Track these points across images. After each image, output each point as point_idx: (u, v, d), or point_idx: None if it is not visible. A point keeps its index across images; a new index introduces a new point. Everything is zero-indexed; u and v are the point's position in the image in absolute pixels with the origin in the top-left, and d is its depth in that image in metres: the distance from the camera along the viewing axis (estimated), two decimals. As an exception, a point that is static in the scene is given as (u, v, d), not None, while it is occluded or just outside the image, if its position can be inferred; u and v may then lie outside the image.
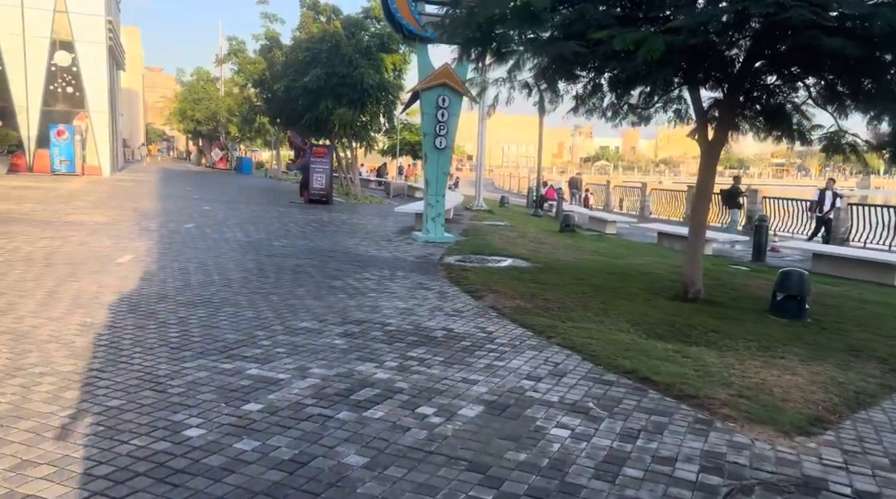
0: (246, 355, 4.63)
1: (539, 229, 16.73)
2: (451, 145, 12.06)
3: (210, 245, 10.06)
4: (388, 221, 15.77)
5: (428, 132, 11.88)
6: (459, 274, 8.59)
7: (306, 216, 15.63)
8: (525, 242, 13.15)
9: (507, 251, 11.17)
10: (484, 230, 14.45)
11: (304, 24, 23.81)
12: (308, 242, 10.99)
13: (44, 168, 26.77)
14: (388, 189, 27.96)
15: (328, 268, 8.61)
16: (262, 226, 13.01)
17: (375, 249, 10.68)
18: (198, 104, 50.26)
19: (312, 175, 20.06)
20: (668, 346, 5.60)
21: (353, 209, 18.99)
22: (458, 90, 11.78)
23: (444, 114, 11.76)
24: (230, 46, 35.91)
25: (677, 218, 25.67)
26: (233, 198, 20.49)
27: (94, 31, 27.43)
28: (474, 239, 12.73)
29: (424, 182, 12.25)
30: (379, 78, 20.94)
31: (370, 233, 12.98)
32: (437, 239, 11.96)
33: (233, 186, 27.73)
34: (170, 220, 13.17)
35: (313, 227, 13.40)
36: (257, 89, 30.32)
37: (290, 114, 23.51)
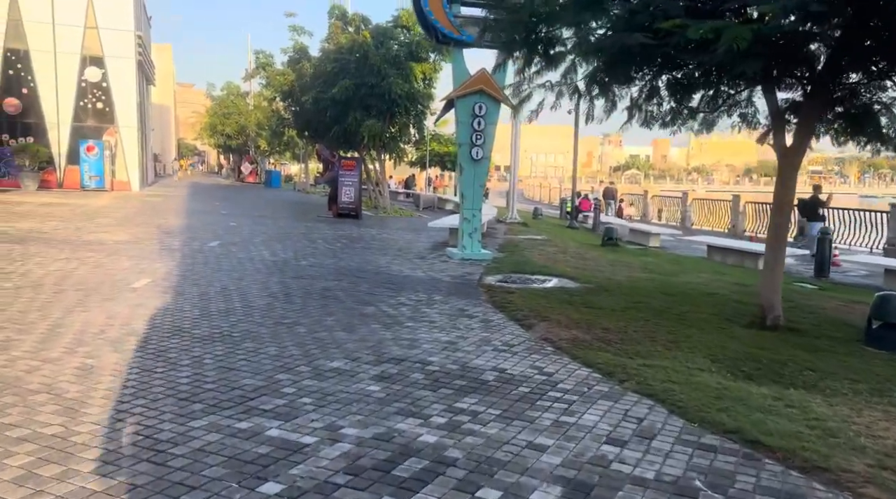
0: (265, 409, 3.89)
1: (579, 243, 15.83)
2: (488, 156, 11.29)
3: (234, 266, 9.42)
4: (420, 236, 15.04)
5: (464, 142, 11.12)
6: (503, 297, 7.78)
7: (335, 232, 14.99)
8: (567, 257, 12.29)
9: (550, 269, 10.33)
10: (522, 245, 13.62)
11: (333, 34, 23.35)
12: (337, 261, 10.29)
13: (74, 184, 26.71)
14: (418, 201, 27.31)
15: (359, 291, 7.87)
16: (290, 243, 12.37)
17: (409, 269, 9.93)
18: (227, 119, 50.46)
19: (341, 188, 19.47)
20: (763, 390, 4.72)
21: (383, 223, 18.32)
22: (495, 97, 11.02)
23: (481, 122, 11.00)
24: (258, 60, 35.88)
25: (721, 229, 24.51)
26: (260, 213, 20.00)
27: (124, 47, 27.41)
28: (513, 255, 11.91)
29: (460, 195, 11.50)
30: (408, 87, 20.32)
31: (402, 250, 12.25)
32: (473, 256, 11.17)
33: (261, 200, 27.36)
34: (194, 237, 12.62)
35: (342, 243, 12.73)
36: (286, 102, 30.00)
37: (319, 126, 23.02)
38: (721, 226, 24.65)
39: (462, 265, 10.52)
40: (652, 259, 13.82)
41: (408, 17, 21.05)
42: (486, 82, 10.93)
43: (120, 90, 27.63)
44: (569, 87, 8.19)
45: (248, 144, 51.52)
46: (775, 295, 7.00)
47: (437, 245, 13.19)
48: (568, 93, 8.23)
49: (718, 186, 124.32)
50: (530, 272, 9.94)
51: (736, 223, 23.33)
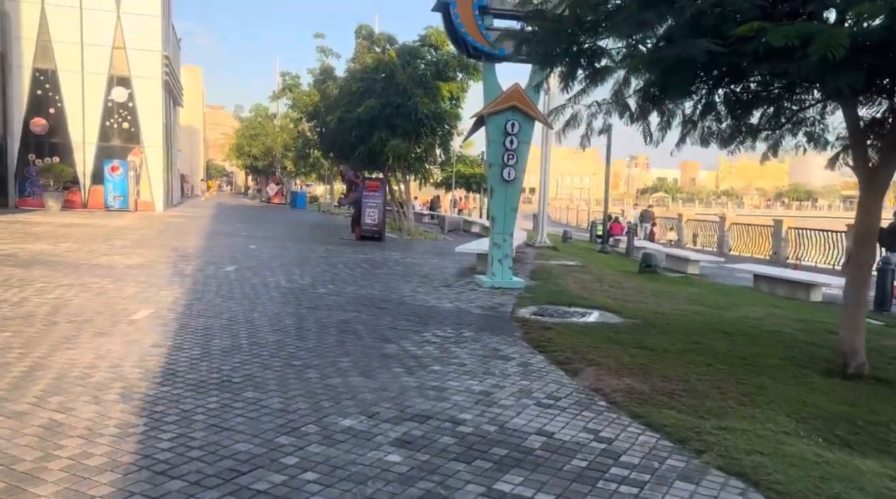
0: (258, 490, 3.10)
1: (615, 270, 14.91)
2: (521, 177, 10.52)
3: (247, 294, 8.73)
4: (445, 261, 14.27)
5: (495, 163, 10.38)
6: (541, 334, 6.94)
7: (357, 256, 14.30)
8: (605, 287, 11.39)
9: (588, 300, 9.46)
10: (555, 272, 12.76)
11: (359, 54, 22.95)
12: (357, 289, 9.55)
13: (98, 204, 26.57)
14: (443, 224, 26.62)
15: (380, 325, 7.10)
16: (309, 268, 11.69)
17: (435, 298, 9.14)
18: (254, 140, 50.66)
19: (365, 210, 18.84)
20: (873, 464, 3.81)
21: (408, 247, 17.60)
22: (529, 114, 10.28)
23: (514, 141, 10.26)
24: (284, 82, 35.81)
25: (761, 255, 23.34)
26: (282, 235, 19.45)
27: (151, 67, 27.39)
28: (546, 284, 11.06)
29: (490, 219, 10.72)
30: (434, 107, 19.73)
31: (427, 276, 11.48)
32: (504, 284, 10.35)
33: (284, 221, 26.92)
34: (210, 261, 12.01)
35: (364, 269, 12.00)
36: (311, 123, 29.71)
37: (343, 146, 22.54)
38: (762, 252, 23.49)
39: (492, 294, 9.71)
40: (696, 289, 12.84)
41: (436, 35, 20.57)
42: (519, 98, 10.20)
43: (146, 110, 27.56)
44: (617, 106, 7.43)
45: (275, 165, 51.57)
46: (858, 338, 6.05)
47: (464, 271, 12.40)
48: (617, 111, 7.47)
49: (749, 209, 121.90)
50: (567, 303, 9.07)
51: (778, 250, 22.18)
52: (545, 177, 20.17)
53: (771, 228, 23.45)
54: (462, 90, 21.01)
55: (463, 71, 20.72)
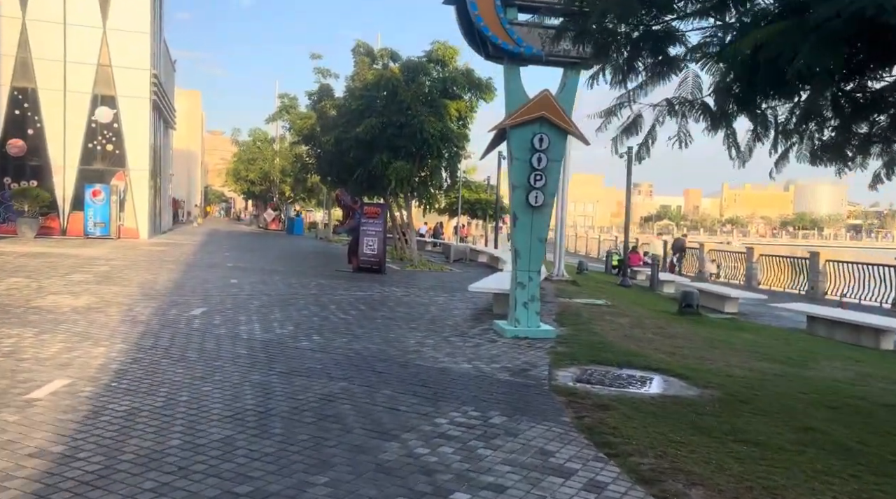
0: None
1: (650, 311, 12.99)
2: (550, 203, 8.67)
3: (206, 352, 6.81)
4: (455, 298, 12.35)
5: (518, 184, 8.53)
6: (599, 419, 5.01)
7: (353, 292, 12.39)
8: (648, 335, 9.47)
9: (640, 356, 7.53)
10: (584, 315, 10.83)
11: (359, 71, 21.33)
12: (350, 342, 7.63)
13: (78, 231, 24.78)
14: (448, 253, 24.75)
15: (376, 404, 5.17)
16: (293, 311, 9.78)
17: (447, 355, 7.22)
18: (252, 164, 49.11)
19: (363, 239, 16.99)
20: None
21: (411, 280, 15.70)
22: (562, 127, 8.47)
23: (542, 159, 8.42)
24: (281, 103, 34.30)
25: (794, 290, 21.40)
26: (271, 265, 17.56)
27: (139, 86, 25.82)
28: (580, 332, 9.13)
29: (512, 252, 8.83)
30: (441, 126, 17.99)
31: (436, 321, 9.55)
32: (531, 334, 8.43)
33: (277, 249, 25.06)
34: (176, 302, 10.11)
35: (359, 311, 10.09)
36: (308, 146, 28.06)
37: (341, 170, 20.80)
38: (795, 287, 21.56)
39: (517, 347, 7.79)
40: (750, 335, 10.92)
41: (443, 50, 18.95)
42: (549, 107, 8.40)
43: (132, 132, 25.93)
44: (693, 106, 5.63)
45: (272, 191, 49.95)
46: None
47: (479, 313, 10.49)
48: (692, 114, 5.67)
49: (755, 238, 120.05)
50: (615, 362, 7.14)
51: (815, 285, 20.24)
52: (563, 198, 18.25)
53: (804, 259, 21.56)
54: (471, 110, 19.30)
55: (472, 90, 19.04)
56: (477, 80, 18.78)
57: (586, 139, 8.62)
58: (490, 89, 18.88)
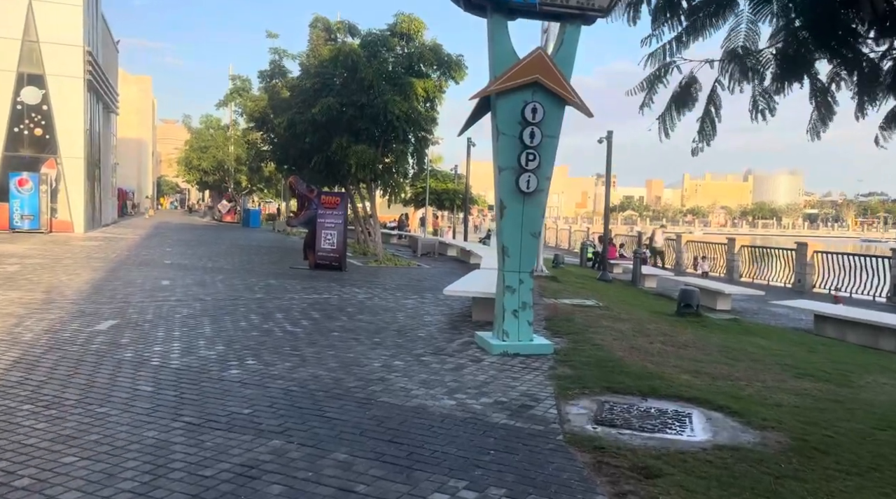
0: None
1: (646, 312, 11.56)
2: (545, 188, 7.05)
3: (95, 390, 5.02)
4: (426, 300, 10.70)
5: (506, 166, 6.90)
6: (647, 491, 3.44)
7: (307, 295, 10.62)
8: (657, 344, 7.98)
9: (661, 379, 6.01)
10: (577, 319, 9.29)
11: (315, 47, 19.40)
12: (295, 366, 5.91)
13: (3, 224, 22.26)
14: (415, 246, 23.04)
15: (323, 481, 3.49)
16: (230, 321, 7.99)
17: (421, 384, 5.56)
18: (204, 152, 46.40)
19: (320, 232, 15.17)
20: None
21: (375, 278, 13.97)
22: (558, 94, 6.85)
23: (535, 134, 6.80)
24: (233, 86, 31.98)
25: (779, 283, 20.38)
26: (216, 262, 15.61)
27: (70, 64, 23.33)
28: (580, 343, 7.57)
29: (499, 250, 7.19)
30: (407, 107, 16.24)
31: (405, 332, 7.88)
32: (524, 349, 6.84)
33: (227, 243, 22.98)
34: (83, 312, 8.22)
35: (312, 320, 8.35)
36: (261, 131, 25.94)
37: (297, 156, 18.89)
38: (780, 279, 20.54)
39: (509, 368, 6.18)
40: (763, 340, 9.55)
41: (408, 23, 17.17)
42: (544, 70, 6.77)
43: (64, 115, 23.46)
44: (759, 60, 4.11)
45: (227, 180, 47.36)
46: None
47: (455, 320, 8.85)
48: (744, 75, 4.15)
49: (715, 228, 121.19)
50: (635, 388, 5.60)
51: (803, 277, 19.21)
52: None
53: (788, 251, 20.54)
54: (439, 90, 17.56)
55: (441, 68, 17.31)
56: (446, 58, 17.08)
57: (588, 109, 7.03)
58: (460, 67, 17.20)
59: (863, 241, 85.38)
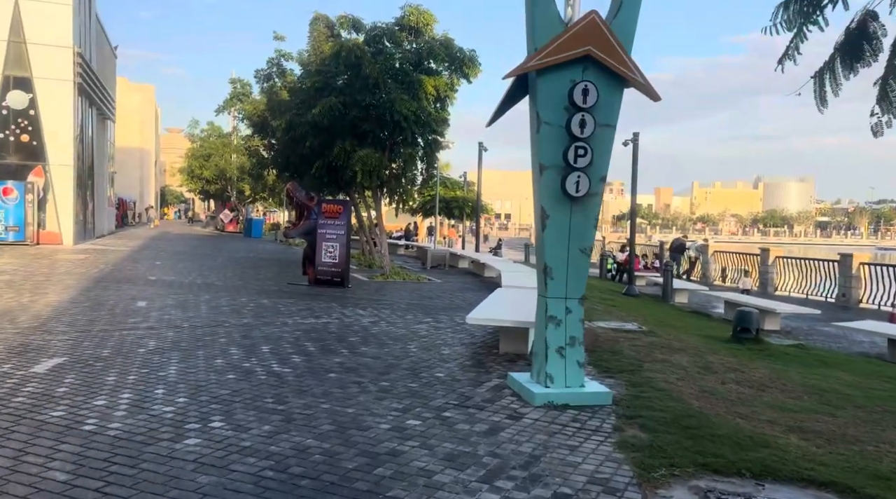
0: None
1: (694, 334, 10.00)
2: (598, 191, 5.54)
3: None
4: (441, 324, 9.19)
5: (548, 164, 5.39)
6: None
7: (303, 318, 9.12)
8: (731, 384, 6.44)
9: (769, 449, 4.45)
10: (625, 350, 7.75)
11: (316, 44, 18.02)
12: (276, 431, 4.39)
13: (-15, 236, 20.92)
14: (425, 258, 21.54)
15: None
16: (204, 357, 6.49)
17: (447, 460, 4.03)
18: (207, 161, 45.21)
19: (321, 244, 13.70)
20: None
21: (382, 296, 12.47)
22: (617, 71, 5.35)
23: (587, 123, 5.30)
24: (233, 90, 30.67)
25: (818, 297, 18.75)
26: (207, 278, 14.14)
27: (59, 67, 22.01)
28: (640, 387, 6.02)
29: (539, 270, 5.67)
30: (416, 107, 14.80)
31: (419, 371, 6.35)
32: (575, 399, 5.30)
33: (225, 255, 21.54)
34: (27, 345, 6.74)
35: (305, 356, 6.83)
36: (261, 136, 24.61)
37: (298, 162, 17.46)
38: (821, 293, 18.90)
39: (561, 429, 4.66)
40: (848, 376, 7.96)
41: (416, 16, 15.76)
42: (598, 40, 5.27)
43: (53, 120, 22.12)
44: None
45: (229, 189, 46.11)
46: None
47: (478, 352, 7.33)
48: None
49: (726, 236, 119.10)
50: (742, 466, 4.05)
51: (848, 291, 17.59)
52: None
53: (832, 262, 18.92)
54: (451, 89, 16.10)
55: (452, 64, 15.83)
56: (458, 53, 15.63)
57: (655, 91, 5.52)
58: (474, 63, 15.74)
59: (878, 249, 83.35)
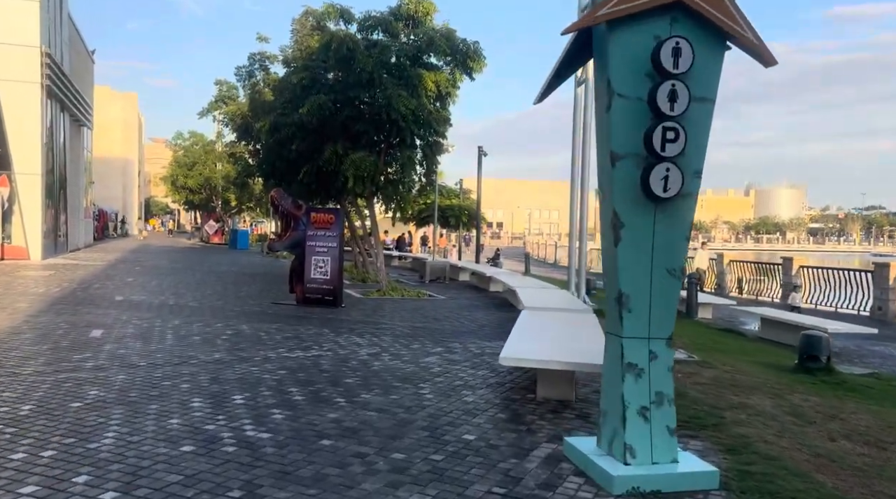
0: None
1: (747, 361, 8.52)
2: (694, 190, 4.04)
3: None
4: (454, 353, 7.65)
5: (625, 152, 3.90)
6: None
7: (289, 350, 7.55)
8: (844, 443, 5.02)
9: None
10: (690, 393, 6.22)
11: (301, 39, 16.51)
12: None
13: (-58, 252, 19.19)
14: (423, 270, 19.98)
15: None
16: (156, 415, 4.92)
17: None
18: (191, 170, 43.53)
19: (310, 258, 12.14)
20: None
21: (380, 318, 10.90)
22: (718, 24, 3.87)
23: (678, 95, 3.81)
24: (218, 92, 29.05)
25: (849, 309, 17.36)
26: (182, 298, 12.52)
27: (24, 68, 20.38)
28: (736, 451, 4.52)
29: (611, 297, 4.16)
30: (415, 104, 13.29)
31: (441, 431, 4.81)
32: (669, 483, 3.77)
33: (205, 270, 19.89)
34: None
35: (290, 408, 5.27)
36: (245, 142, 23.00)
37: (285, 168, 15.83)
38: (850, 305, 17.51)
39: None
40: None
41: (415, 4, 14.28)
42: (694, -21, 3.80)
43: (18, 125, 20.46)
44: None
45: (215, 200, 44.39)
46: None
47: (510, 397, 5.80)
48: None
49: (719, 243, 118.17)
50: None
51: (885, 304, 16.21)
52: (583, 178, 13.17)
53: (859, 272, 17.56)
54: (453, 85, 14.59)
55: (455, 58, 14.28)
56: (462, 45, 14.14)
57: (771, 53, 4.03)
58: (479, 57, 14.25)
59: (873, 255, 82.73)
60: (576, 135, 13.13)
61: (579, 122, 12.98)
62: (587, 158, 12.92)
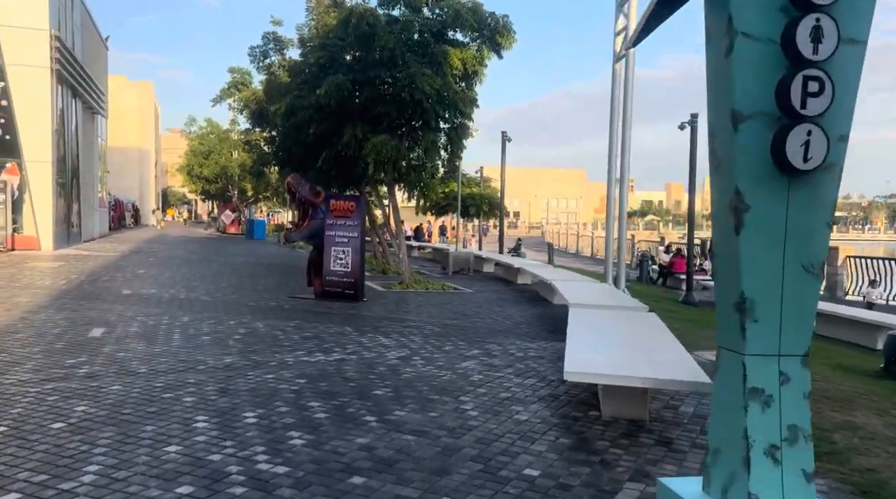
0: None
1: (822, 365, 7.53)
2: (839, 160, 3.09)
3: None
4: (494, 356, 6.74)
5: (751, 110, 2.94)
6: None
7: (308, 353, 6.70)
8: None
9: None
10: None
11: (317, 16, 15.59)
12: None
13: (-48, 242, 18.63)
14: (446, 261, 19.07)
15: None
16: (151, 440, 4.08)
17: None
18: (206, 159, 42.86)
19: (329, 249, 11.29)
20: None
21: (405, 314, 10.03)
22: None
23: (823, 34, 2.85)
24: (232, 79, 28.27)
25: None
26: (194, 292, 11.74)
27: (34, 52, 19.67)
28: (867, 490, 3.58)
29: (729, 301, 3.24)
30: (440, 83, 12.34)
31: (494, 460, 3.92)
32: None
33: (221, 261, 19.16)
34: None
35: (311, 431, 4.41)
36: (260, 129, 22.21)
37: (302, 153, 14.95)
38: None
39: None
40: None
41: (438, -22, 13.27)
42: None
43: (28, 112, 19.78)
44: None
45: (231, 189, 43.77)
46: None
47: (570, 416, 4.90)
48: None
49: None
50: None
51: None
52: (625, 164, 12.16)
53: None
54: (479, 63, 13.60)
55: (482, 34, 13.26)
56: (489, 19, 13.14)
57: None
58: (508, 32, 13.23)
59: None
60: (614, 115, 12.10)
61: (618, 100, 11.96)
62: (627, 140, 11.91)
